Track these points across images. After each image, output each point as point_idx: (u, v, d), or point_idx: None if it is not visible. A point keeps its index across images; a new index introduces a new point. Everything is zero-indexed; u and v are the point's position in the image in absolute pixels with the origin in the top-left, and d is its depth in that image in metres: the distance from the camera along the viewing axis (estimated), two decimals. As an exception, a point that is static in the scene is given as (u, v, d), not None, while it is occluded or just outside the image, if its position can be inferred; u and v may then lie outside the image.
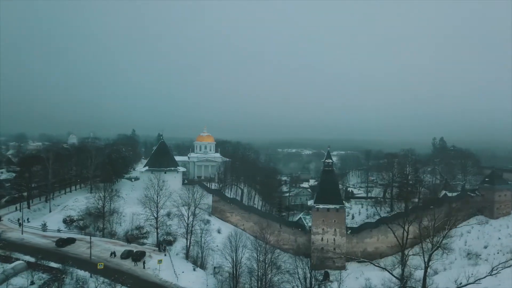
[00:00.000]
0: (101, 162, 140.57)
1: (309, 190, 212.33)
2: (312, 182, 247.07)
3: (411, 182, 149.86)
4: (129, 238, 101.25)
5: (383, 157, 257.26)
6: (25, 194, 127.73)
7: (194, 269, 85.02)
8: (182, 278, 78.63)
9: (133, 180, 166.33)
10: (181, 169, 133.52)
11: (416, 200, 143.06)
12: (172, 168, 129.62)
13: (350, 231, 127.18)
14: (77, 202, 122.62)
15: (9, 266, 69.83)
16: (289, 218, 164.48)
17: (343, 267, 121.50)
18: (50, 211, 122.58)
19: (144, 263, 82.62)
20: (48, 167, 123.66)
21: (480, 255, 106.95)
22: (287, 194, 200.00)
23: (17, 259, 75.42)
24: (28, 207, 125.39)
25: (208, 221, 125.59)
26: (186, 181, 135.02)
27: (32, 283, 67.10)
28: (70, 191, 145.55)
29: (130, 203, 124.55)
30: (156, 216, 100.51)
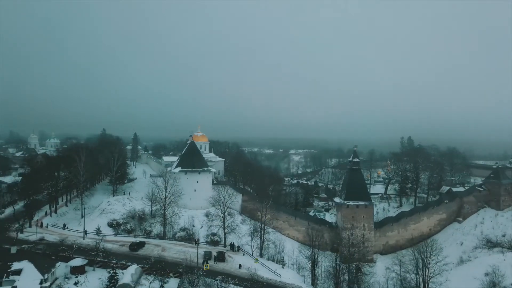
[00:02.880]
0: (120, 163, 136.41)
1: (297, 188, 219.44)
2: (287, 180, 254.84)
3: (413, 179, 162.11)
4: (195, 240, 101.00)
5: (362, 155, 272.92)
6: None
7: (282, 267, 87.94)
8: (282, 275, 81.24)
9: (125, 182, 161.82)
10: (212, 169, 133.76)
11: (426, 195, 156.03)
12: (205, 169, 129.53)
13: (373, 225, 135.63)
14: (112, 205, 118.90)
15: (129, 270, 68.15)
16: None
17: (371, 260, 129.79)
18: (82, 216, 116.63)
19: (240, 265, 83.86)
20: (80, 169, 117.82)
21: (501, 243, 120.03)
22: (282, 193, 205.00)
23: (125, 265, 73.55)
24: (55, 212, 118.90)
25: (244, 221, 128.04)
26: (215, 181, 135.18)
27: (162, 287, 66.49)
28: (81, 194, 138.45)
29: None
30: (223, 216, 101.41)
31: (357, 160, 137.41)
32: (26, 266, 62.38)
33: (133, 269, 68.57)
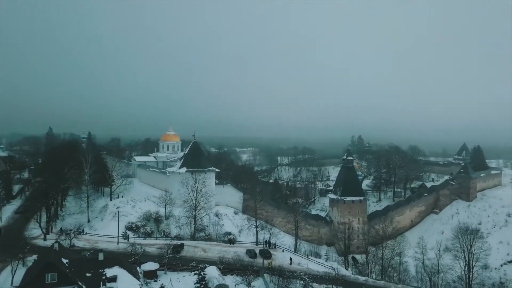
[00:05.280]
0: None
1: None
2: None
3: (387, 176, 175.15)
4: (232, 240, 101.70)
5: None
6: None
7: (326, 260, 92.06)
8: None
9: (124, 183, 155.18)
10: (216, 169, 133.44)
11: (401, 190, 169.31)
12: (210, 168, 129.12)
13: (367, 219, 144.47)
14: (121, 208, 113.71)
15: (211, 271, 68.04)
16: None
17: (365, 252, 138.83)
18: (88, 220, 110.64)
19: (291, 259, 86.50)
20: (86, 170, 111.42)
21: (479, 230, 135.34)
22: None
23: (196, 266, 72.77)
24: (57, 216, 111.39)
25: (250, 219, 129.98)
26: (217, 181, 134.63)
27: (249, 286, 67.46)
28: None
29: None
30: (255, 215, 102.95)
31: (351, 158, 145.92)
32: (119, 272, 59.66)
33: (213, 269, 68.38)
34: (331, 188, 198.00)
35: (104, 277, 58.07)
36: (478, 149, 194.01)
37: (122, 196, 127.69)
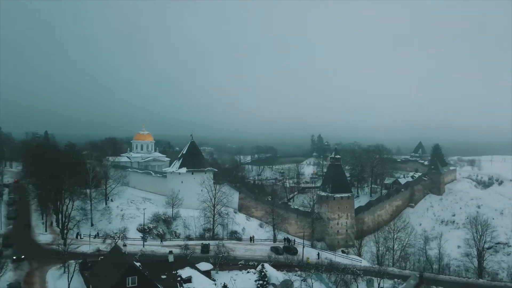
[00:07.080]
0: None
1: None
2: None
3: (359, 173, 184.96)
4: (251, 238, 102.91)
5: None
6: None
7: (347, 254, 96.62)
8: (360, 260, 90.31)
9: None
10: (214, 169, 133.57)
11: (376, 186, 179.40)
12: (209, 168, 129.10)
13: (354, 214, 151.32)
14: (125, 210, 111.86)
15: (269, 268, 69.63)
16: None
17: (353, 245, 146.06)
18: (92, 224, 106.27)
19: (318, 254, 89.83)
20: (89, 173, 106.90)
21: (454, 221, 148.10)
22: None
23: (246, 265, 73.94)
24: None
25: (248, 218, 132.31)
26: (214, 181, 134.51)
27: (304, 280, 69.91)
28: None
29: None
30: (273, 215, 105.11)
31: (339, 157, 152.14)
32: (192, 273, 59.43)
33: (269, 267, 69.99)
34: (308, 185, 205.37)
35: (179, 279, 57.65)
36: (437, 147, 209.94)
37: (112, 200, 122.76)
